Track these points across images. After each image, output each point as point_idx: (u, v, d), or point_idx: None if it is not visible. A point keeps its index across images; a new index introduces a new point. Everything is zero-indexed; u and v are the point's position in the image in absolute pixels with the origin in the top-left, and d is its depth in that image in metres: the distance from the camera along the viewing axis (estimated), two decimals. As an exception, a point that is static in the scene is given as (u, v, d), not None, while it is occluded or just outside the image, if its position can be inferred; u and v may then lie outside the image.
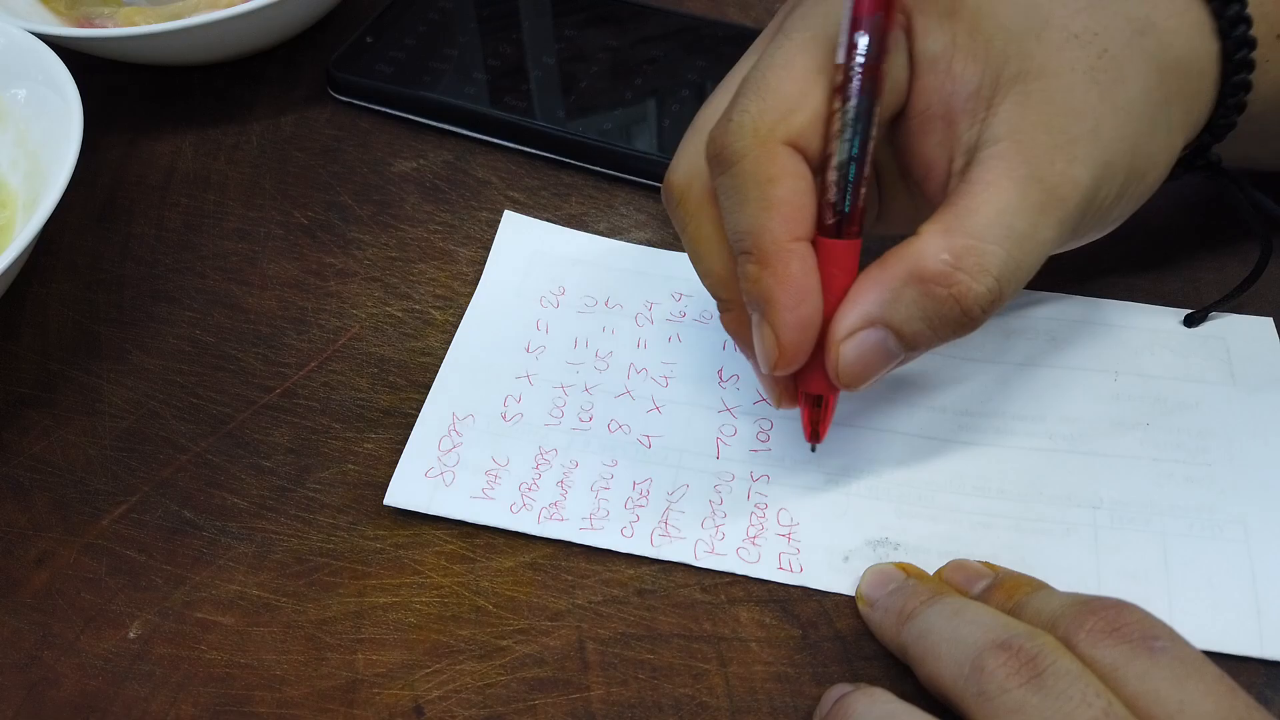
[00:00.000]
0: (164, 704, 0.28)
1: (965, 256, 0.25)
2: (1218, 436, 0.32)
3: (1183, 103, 0.29)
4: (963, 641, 0.25)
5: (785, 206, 0.26)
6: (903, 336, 0.26)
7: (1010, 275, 0.26)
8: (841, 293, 0.27)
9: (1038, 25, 0.27)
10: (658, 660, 0.28)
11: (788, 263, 0.26)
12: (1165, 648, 0.24)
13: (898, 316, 0.26)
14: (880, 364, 0.27)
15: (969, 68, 0.26)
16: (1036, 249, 0.26)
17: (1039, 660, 0.23)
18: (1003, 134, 0.26)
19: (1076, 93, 0.26)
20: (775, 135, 0.26)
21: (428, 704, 0.28)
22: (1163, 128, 0.28)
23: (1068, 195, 0.26)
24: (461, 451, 0.32)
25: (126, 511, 0.32)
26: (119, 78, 0.46)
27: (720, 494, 0.31)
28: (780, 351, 0.27)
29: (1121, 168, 0.27)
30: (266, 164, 0.42)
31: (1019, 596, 0.27)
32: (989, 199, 0.25)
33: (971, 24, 0.27)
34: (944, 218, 0.26)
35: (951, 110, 0.27)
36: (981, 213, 0.25)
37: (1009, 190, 0.25)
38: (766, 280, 0.26)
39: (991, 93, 0.26)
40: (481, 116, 0.42)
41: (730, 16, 0.47)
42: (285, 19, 0.43)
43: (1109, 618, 0.24)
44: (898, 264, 0.26)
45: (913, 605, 0.27)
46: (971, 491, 0.31)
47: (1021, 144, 0.26)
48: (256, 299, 0.37)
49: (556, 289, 0.37)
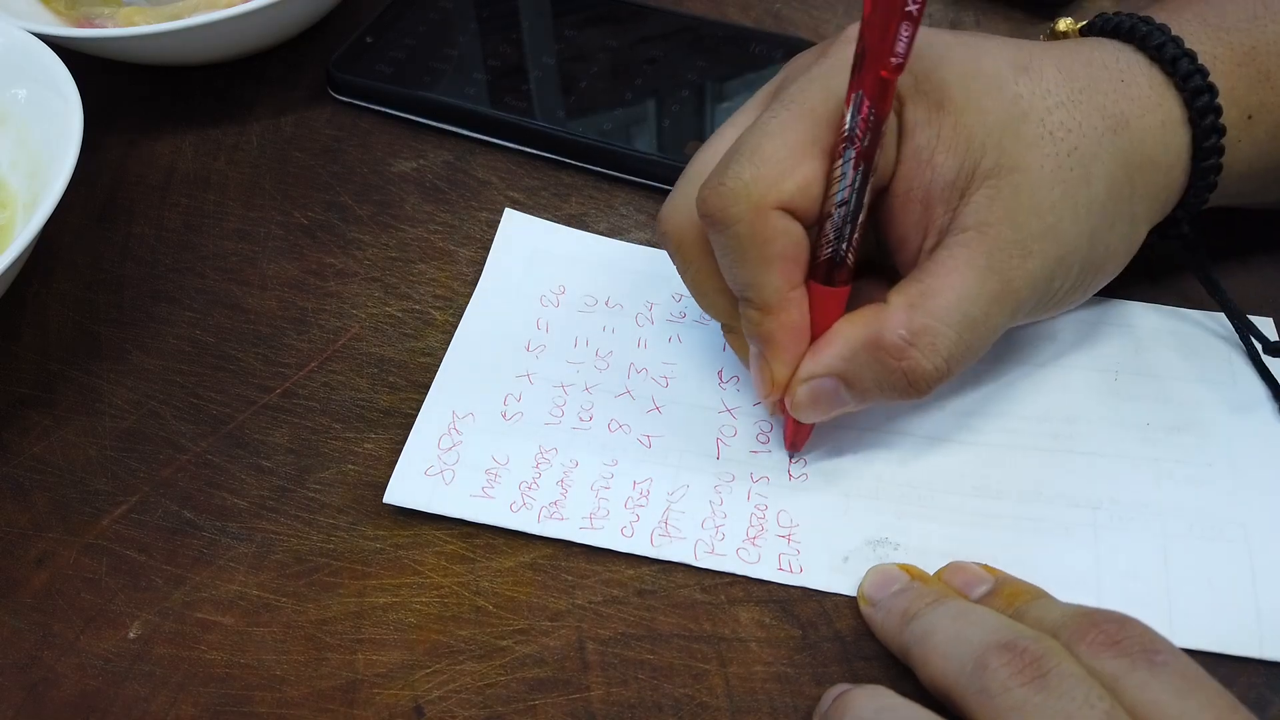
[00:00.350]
0: (164, 704, 0.28)
1: (921, 335, 0.28)
2: (1218, 437, 0.32)
3: (1149, 195, 0.31)
4: (966, 641, 0.25)
5: (782, 262, 0.28)
6: (853, 390, 0.29)
7: (959, 356, 0.28)
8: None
9: (1016, 119, 0.29)
10: (658, 660, 0.28)
11: (789, 311, 0.29)
12: (1166, 661, 0.24)
13: (852, 373, 0.29)
14: (830, 407, 0.30)
15: (949, 160, 0.28)
16: (986, 333, 0.29)
17: (1043, 661, 0.23)
18: (970, 224, 0.28)
19: (1041, 190, 0.28)
20: (767, 201, 0.27)
21: (428, 704, 0.28)
22: (1124, 222, 0.30)
23: (1021, 288, 0.28)
24: (461, 450, 0.32)
25: (127, 512, 0.32)
26: (119, 78, 0.46)
27: (720, 494, 0.31)
28: (775, 385, 0.30)
29: (1076, 261, 0.29)
30: (266, 164, 0.42)
31: (1018, 604, 0.27)
32: (950, 284, 0.28)
33: (956, 118, 0.28)
34: (908, 293, 0.28)
35: (929, 196, 0.29)
36: (943, 296, 0.28)
37: (969, 279, 0.28)
38: (768, 325, 0.29)
39: (966, 184, 0.28)
40: (481, 117, 0.42)
41: (730, 17, 0.47)
42: (285, 19, 0.43)
43: (1110, 630, 0.24)
44: (862, 327, 0.29)
45: (917, 606, 0.27)
46: (971, 491, 0.31)
47: (985, 236, 0.28)
48: (256, 299, 0.37)
49: (557, 288, 0.37)
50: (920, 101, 0.29)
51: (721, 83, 0.43)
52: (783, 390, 0.30)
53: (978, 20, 0.46)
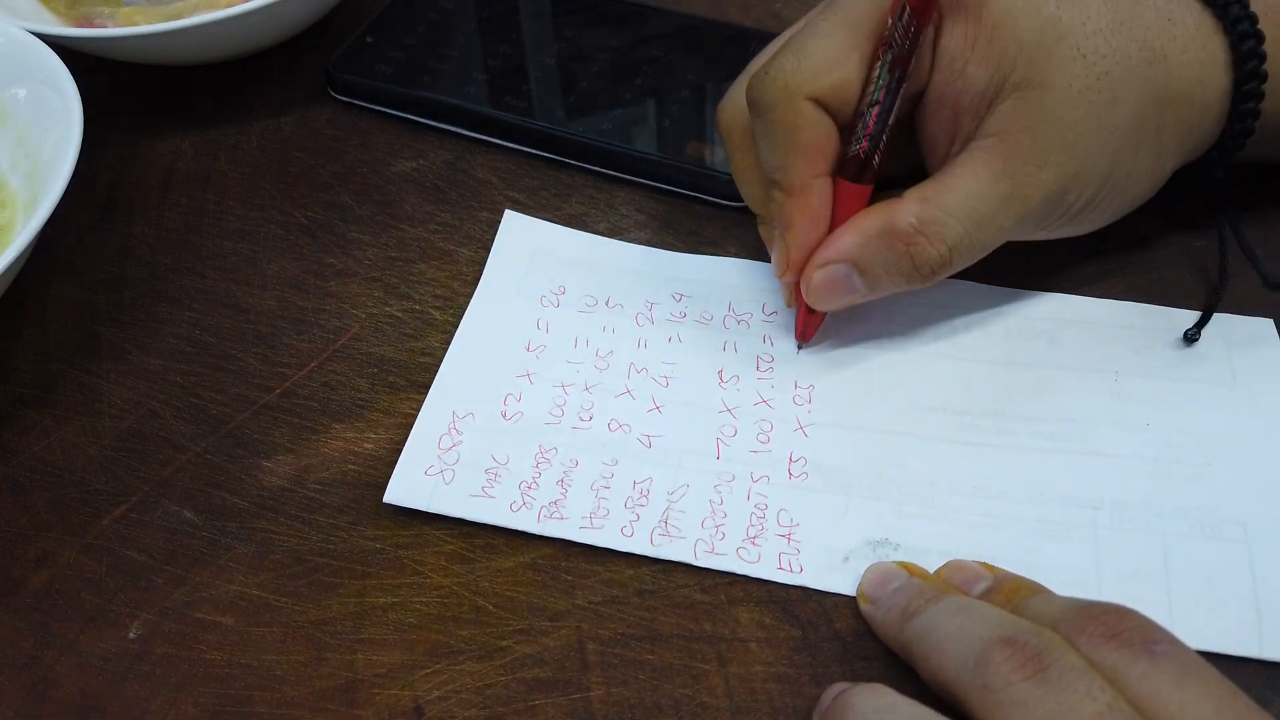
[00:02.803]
0: (164, 704, 0.28)
1: (929, 224, 0.30)
2: (1218, 436, 0.32)
3: (1180, 131, 0.32)
4: (967, 636, 0.25)
5: (808, 150, 0.31)
6: (864, 275, 0.31)
7: (963, 248, 0.31)
8: None
9: (1051, 40, 0.30)
10: (658, 660, 0.28)
11: (809, 195, 0.31)
12: (1166, 651, 0.24)
13: (864, 259, 0.31)
14: (842, 293, 0.32)
15: (980, 71, 0.30)
16: (992, 232, 0.31)
17: (1044, 655, 0.23)
18: (992, 130, 0.30)
19: (1066, 107, 0.30)
20: (802, 91, 0.30)
21: (428, 704, 0.28)
22: (1150, 152, 0.32)
23: (1032, 195, 0.30)
24: (461, 450, 0.32)
25: (126, 511, 0.32)
26: (119, 78, 0.46)
27: (720, 494, 0.31)
28: (789, 264, 0.32)
29: (1094, 180, 0.31)
30: (266, 164, 0.42)
31: (1018, 600, 0.27)
32: (963, 183, 0.30)
33: (991, 32, 0.30)
34: (924, 189, 0.31)
35: (959, 105, 0.31)
36: (954, 192, 0.30)
37: (982, 179, 0.30)
38: (789, 207, 0.32)
39: (994, 94, 0.30)
40: (482, 117, 0.42)
41: (730, 17, 0.47)
42: (285, 19, 0.43)
43: (1109, 622, 0.24)
44: (877, 217, 0.31)
45: (917, 603, 0.27)
46: (971, 491, 0.31)
47: (1004, 142, 0.30)
48: (256, 299, 0.37)
49: (557, 288, 0.37)
50: (960, 15, 0.30)
51: (722, 82, 0.43)
52: (797, 271, 0.32)
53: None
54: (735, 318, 0.36)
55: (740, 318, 0.36)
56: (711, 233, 0.38)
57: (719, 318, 0.36)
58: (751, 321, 0.35)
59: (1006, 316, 0.35)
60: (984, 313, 0.35)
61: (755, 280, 0.37)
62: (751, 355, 0.35)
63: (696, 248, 0.38)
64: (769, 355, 0.35)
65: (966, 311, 0.35)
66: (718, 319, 0.36)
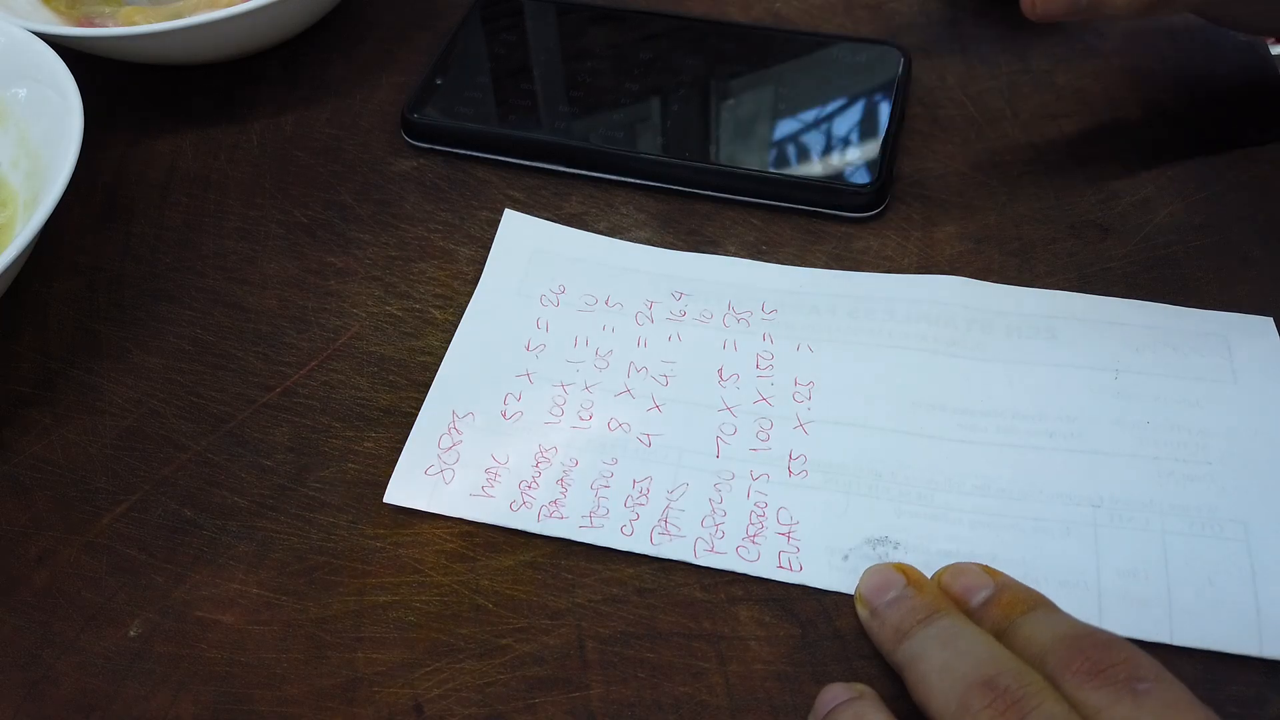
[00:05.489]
0: (164, 702, 0.28)
1: None
2: (1218, 435, 0.32)
3: None
4: (951, 673, 0.25)
5: None
6: None
7: None
8: None
9: None
10: (657, 659, 0.28)
11: None
12: (1150, 690, 0.24)
13: None
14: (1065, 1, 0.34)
15: None
16: None
17: (1024, 703, 0.23)
18: None
19: None
20: None
21: (427, 703, 0.28)
22: None
23: None
24: (461, 449, 0.32)
25: (127, 510, 0.32)
26: (119, 78, 0.46)
27: (720, 492, 0.31)
28: None
29: None
30: (266, 163, 0.42)
31: (1014, 615, 0.27)
32: None
33: None
34: None
35: None
36: None
37: None
38: None
39: None
40: (576, 151, 0.40)
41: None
42: (285, 19, 0.43)
43: (1095, 658, 0.24)
44: None
45: (909, 623, 0.27)
46: (971, 491, 0.31)
47: None
48: (256, 298, 0.37)
49: (557, 288, 0.37)
50: None
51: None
52: None
53: (975, 21, 0.46)
54: (735, 316, 0.36)
55: (740, 316, 0.36)
56: (711, 232, 0.39)
57: (719, 316, 0.36)
58: (751, 320, 0.35)
59: (1007, 314, 0.35)
60: (984, 311, 0.35)
61: (755, 279, 0.37)
62: (751, 354, 0.35)
63: (696, 247, 0.38)
64: (769, 353, 0.35)
65: (967, 309, 0.35)
66: (717, 318, 0.36)
